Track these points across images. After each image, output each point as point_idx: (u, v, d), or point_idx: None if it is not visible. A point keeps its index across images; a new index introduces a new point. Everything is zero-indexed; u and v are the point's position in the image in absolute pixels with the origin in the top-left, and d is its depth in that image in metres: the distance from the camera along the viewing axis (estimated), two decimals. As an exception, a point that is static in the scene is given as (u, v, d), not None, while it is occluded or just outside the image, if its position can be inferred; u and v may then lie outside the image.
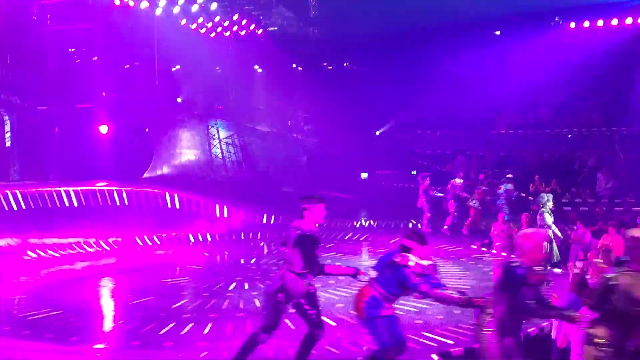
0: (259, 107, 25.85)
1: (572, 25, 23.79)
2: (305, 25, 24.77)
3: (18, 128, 20.42)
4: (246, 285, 11.99)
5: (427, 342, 8.64)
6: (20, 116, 20.45)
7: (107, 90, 21.94)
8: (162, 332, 9.06)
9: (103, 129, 21.14)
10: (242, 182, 22.00)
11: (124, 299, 11.58)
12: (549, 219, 12.33)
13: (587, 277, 8.29)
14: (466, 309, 6.52)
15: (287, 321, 9.47)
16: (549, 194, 12.95)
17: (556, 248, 12.65)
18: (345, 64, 26.99)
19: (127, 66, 23.42)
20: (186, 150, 23.35)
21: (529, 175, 20.94)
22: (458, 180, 18.51)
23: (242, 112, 25.27)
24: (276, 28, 24.86)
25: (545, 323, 9.06)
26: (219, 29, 24.66)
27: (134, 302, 11.05)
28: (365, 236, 17.60)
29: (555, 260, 12.84)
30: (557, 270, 13.34)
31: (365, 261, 14.76)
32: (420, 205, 18.32)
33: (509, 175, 17.99)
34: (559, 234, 12.36)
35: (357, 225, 19.53)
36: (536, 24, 23.45)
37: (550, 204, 12.49)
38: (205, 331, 9.09)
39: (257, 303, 10.63)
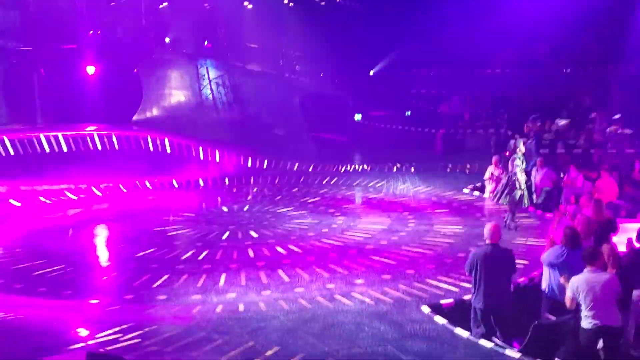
0: (250, 46, 25.26)
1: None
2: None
3: (2, 70, 19.95)
4: (239, 234, 12.00)
5: (418, 292, 8.71)
6: (3, 58, 19.94)
7: (93, 30, 21.31)
8: (155, 285, 9.09)
9: (90, 70, 20.71)
10: (233, 124, 21.71)
11: (116, 249, 11.59)
12: (520, 164, 12.25)
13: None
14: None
15: (281, 272, 9.54)
16: (518, 140, 12.82)
17: (527, 194, 12.62)
18: (338, 0, 26.21)
19: (112, 3, 22.68)
20: (175, 91, 22.96)
21: (524, 115, 20.74)
22: (562, 121, 17.94)
23: (232, 51, 24.71)
24: (266, -38, 24.07)
25: (536, 273, 9.16)
26: (207, -35, 23.83)
27: (127, 252, 11.07)
28: (359, 180, 17.52)
29: (526, 206, 12.85)
30: (550, 215, 13.42)
31: (358, 207, 14.79)
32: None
33: (617, 116, 17.77)
34: (522, 183, 12.31)
35: (351, 169, 19.43)
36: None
37: (521, 149, 12.39)
38: (199, 284, 9.12)
39: (251, 253, 10.69)
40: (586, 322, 6.66)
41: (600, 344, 6.72)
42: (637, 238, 8.00)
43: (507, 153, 13.30)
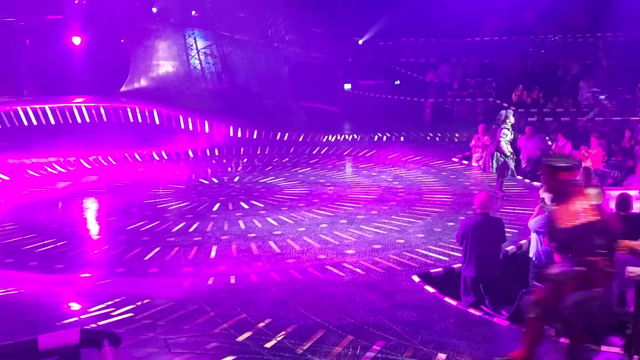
0: (238, 15, 24.92)
1: None
2: None
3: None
4: (230, 206, 12.03)
5: (408, 262, 8.79)
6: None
7: (78, 0, 20.97)
8: (146, 258, 9.12)
9: (76, 41, 20.46)
10: (222, 94, 21.54)
11: (107, 221, 11.59)
12: (508, 135, 12.28)
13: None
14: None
15: (272, 244, 9.59)
16: (508, 110, 12.83)
17: (512, 164, 12.66)
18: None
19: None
20: (163, 62, 22.67)
21: (513, 84, 20.77)
22: None
23: (220, 20, 24.38)
24: None
25: (524, 241, 9.27)
26: None
27: (118, 224, 11.08)
28: (349, 150, 17.53)
29: (514, 175, 12.95)
30: (537, 183, 13.53)
31: (349, 177, 14.82)
32: None
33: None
34: (508, 152, 12.33)
35: (341, 139, 19.40)
36: None
37: (511, 120, 12.41)
38: (190, 256, 9.16)
39: (242, 225, 10.73)
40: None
41: None
42: (616, 205, 8.12)
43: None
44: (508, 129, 12.24)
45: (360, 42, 24.93)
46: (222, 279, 8.12)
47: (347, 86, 23.75)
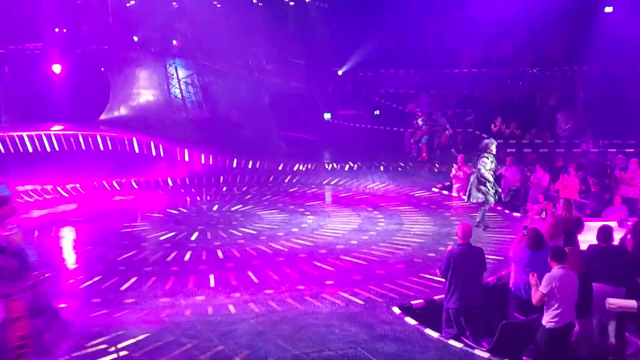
0: (219, 45, 25.08)
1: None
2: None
3: (-36, 69, 19.53)
4: (209, 235, 11.91)
5: (388, 293, 8.74)
6: (-34, 57, 19.53)
7: (58, 28, 20.98)
8: (123, 288, 8.96)
9: (56, 69, 20.41)
10: (202, 124, 21.50)
11: (84, 250, 11.39)
12: (488, 164, 12.31)
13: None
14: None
15: (250, 274, 9.48)
16: (491, 140, 12.92)
17: (492, 192, 12.68)
18: (307, 0, 26.18)
19: (78, 1, 22.33)
20: (144, 91, 22.64)
21: (491, 115, 21.02)
22: None
23: (201, 50, 24.50)
24: (235, -39, 23.86)
25: (503, 272, 9.28)
26: (175, -38, 23.57)
27: (95, 254, 10.90)
28: (328, 179, 17.51)
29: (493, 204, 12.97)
30: (517, 214, 13.62)
31: (329, 206, 14.78)
32: None
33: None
34: (490, 178, 12.35)
35: (321, 168, 19.38)
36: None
37: (492, 150, 12.49)
38: (167, 286, 9.02)
39: (220, 254, 10.61)
40: (552, 321, 6.76)
41: None
42: (597, 237, 8.17)
43: (477, 152, 13.24)
44: (488, 158, 12.32)
45: (340, 72, 25.18)
46: (200, 310, 8.01)
47: (327, 116, 23.88)
